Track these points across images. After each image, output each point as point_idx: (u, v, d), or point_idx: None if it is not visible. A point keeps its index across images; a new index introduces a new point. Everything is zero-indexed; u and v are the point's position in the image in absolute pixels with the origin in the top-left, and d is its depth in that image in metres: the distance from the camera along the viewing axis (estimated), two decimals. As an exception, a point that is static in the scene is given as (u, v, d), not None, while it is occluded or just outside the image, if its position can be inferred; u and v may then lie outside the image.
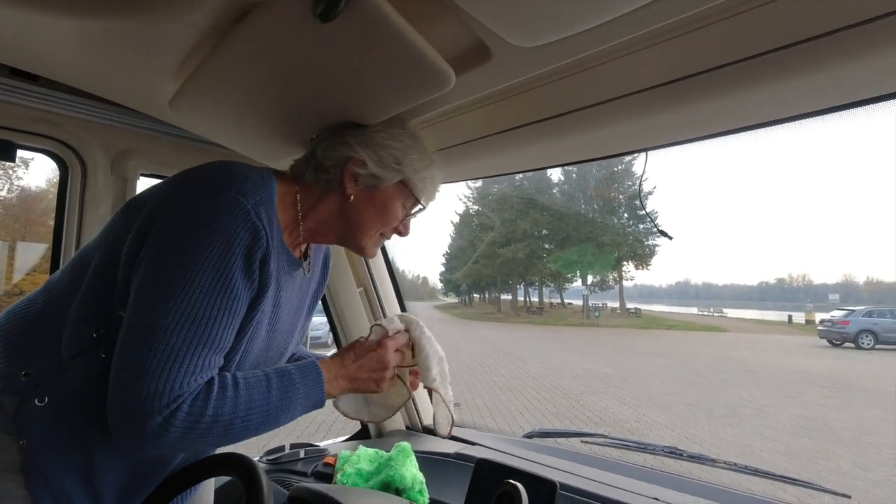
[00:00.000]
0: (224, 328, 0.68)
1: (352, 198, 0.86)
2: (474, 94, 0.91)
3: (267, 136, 1.10)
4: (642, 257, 30.00)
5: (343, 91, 0.85)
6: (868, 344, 13.52)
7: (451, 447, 1.43)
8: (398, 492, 1.17)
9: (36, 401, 0.68)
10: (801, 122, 0.85)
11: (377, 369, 0.87)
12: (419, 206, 0.94)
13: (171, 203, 0.70)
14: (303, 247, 0.92)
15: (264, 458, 1.40)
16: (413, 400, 1.68)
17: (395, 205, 0.90)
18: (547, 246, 31.44)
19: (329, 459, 1.32)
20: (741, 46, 0.71)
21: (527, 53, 0.75)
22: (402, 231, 0.95)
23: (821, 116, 0.82)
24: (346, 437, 1.61)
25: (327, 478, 1.26)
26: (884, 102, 0.76)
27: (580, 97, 0.93)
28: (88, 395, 0.70)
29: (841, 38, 0.64)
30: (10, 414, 0.68)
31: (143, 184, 1.31)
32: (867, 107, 0.77)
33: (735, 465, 1.24)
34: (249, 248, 0.69)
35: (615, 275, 30.71)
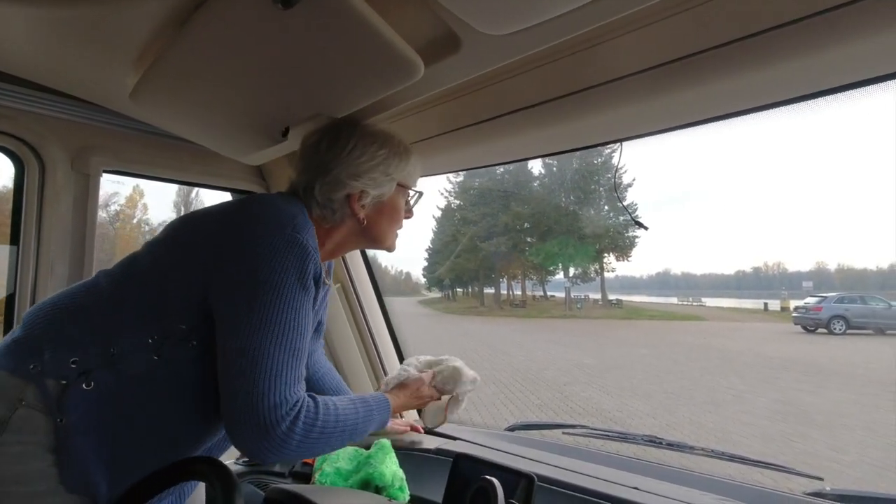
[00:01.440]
0: (306, 342, 0.79)
1: (365, 221, 0.97)
2: (446, 85, 0.89)
3: (234, 130, 1.06)
4: (623, 249, 30.36)
5: (309, 81, 0.83)
6: (840, 329, 13.92)
7: (432, 442, 1.42)
8: (378, 490, 1.16)
9: (83, 385, 0.73)
10: (775, 110, 0.85)
11: (421, 399, 1.19)
12: (417, 194, 1.08)
13: (239, 246, 0.78)
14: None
15: (241, 461, 1.37)
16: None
17: (400, 204, 1.03)
18: (529, 239, 31.60)
19: (307, 459, 1.30)
20: (715, 33, 0.71)
21: (497, 42, 0.73)
22: (410, 216, 1.09)
23: (793, 105, 0.83)
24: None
25: (305, 478, 1.25)
26: (854, 90, 0.76)
27: (553, 87, 0.92)
28: (135, 389, 0.77)
29: (811, 26, 0.64)
30: (53, 396, 0.72)
31: (107, 180, 1.27)
32: (839, 94, 0.78)
33: (712, 451, 1.26)
34: (314, 274, 0.81)
35: (597, 266, 31.04)
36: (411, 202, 1.08)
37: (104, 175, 1.27)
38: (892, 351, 11.32)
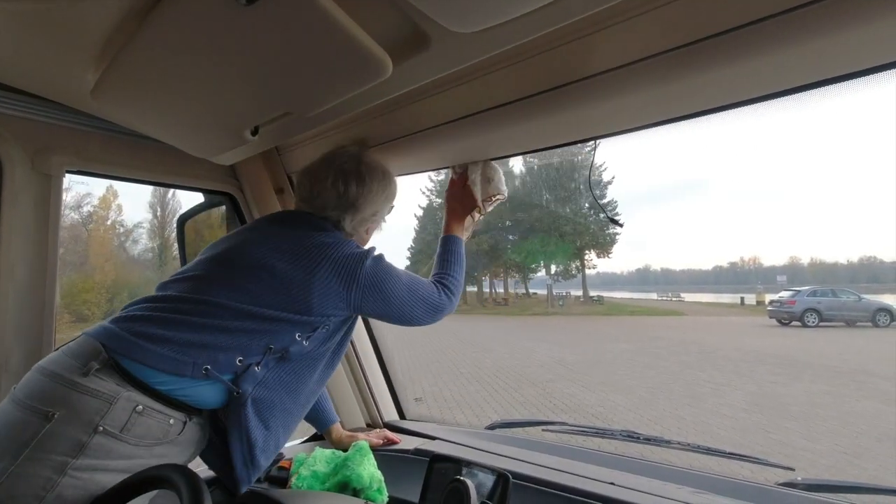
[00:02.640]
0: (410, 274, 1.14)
1: (365, 238, 1.22)
2: (416, 83, 0.88)
3: (201, 128, 1.04)
4: (603, 245, 30.71)
5: (276, 79, 0.81)
6: (813, 322, 14.32)
7: (411, 443, 1.41)
8: (356, 492, 1.15)
9: (255, 368, 0.96)
10: (749, 106, 0.85)
11: (463, 199, 1.30)
12: (391, 207, 1.29)
13: (359, 291, 1.02)
14: None
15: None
16: (372, 395, 1.65)
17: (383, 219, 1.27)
18: (511, 237, 31.75)
19: (284, 463, 1.28)
20: (688, 30, 0.71)
21: (467, 40, 0.72)
22: None
23: (767, 101, 0.83)
24: (303, 438, 1.56)
25: (282, 482, 1.22)
26: (825, 87, 0.77)
27: (526, 85, 0.92)
28: (290, 366, 1.01)
29: (782, 22, 0.64)
30: (231, 379, 0.94)
31: (78, 182, 1.22)
32: (812, 91, 0.78)
33: (688, 445, 1.28)
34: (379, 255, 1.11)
35: (578, 264, 31.35)
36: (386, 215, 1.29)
37: (73, 176, 1.23)
38: (863, 342, 11.68)
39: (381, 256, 1.08)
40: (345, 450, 1.30)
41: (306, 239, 1.04)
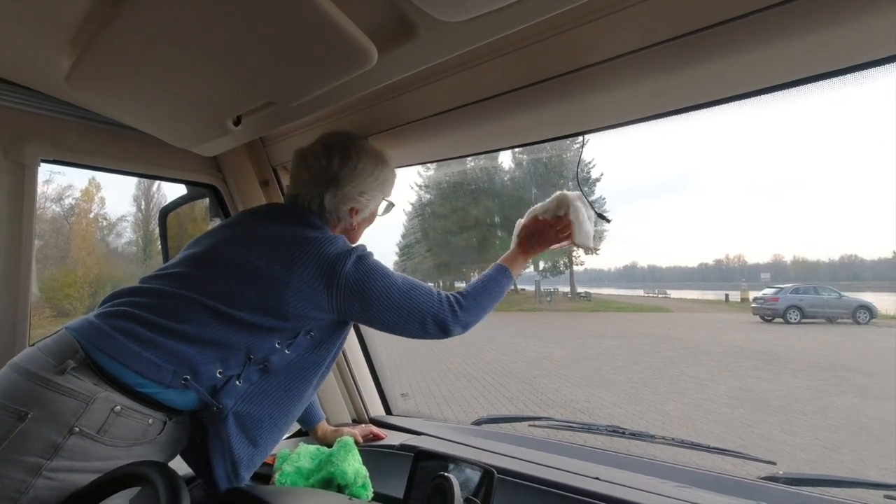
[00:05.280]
0: (408, 277, 1.04)
1: (355, 226, 1.14)
2: (402, 74, 0.87)
3: (182, 117, 1.01)
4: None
5: (258, 67, 0.79)
6: (795, 318, 14.56)
7: (396, 438, 1.40)
8: (340, 488, 1.13)
9: (236, 381, 0.92)
10: (738, 102, 0.85)
11: (539, 238, 1.23)
12: (389, 204, 1.24)
13: (344, 290, 0.96)
14: None
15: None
16: (359, 390, 1.64)
17: (376, 213, 1.20)
18: (500, 233, 31.76)
19: (268, 459, 1.26)
20: (681, 22, 0.71)
21: (454, 29, 0.71)
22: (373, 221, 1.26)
23: (757, 97, 0.83)
24: (287, 435, 1.54)
25: (265, 479, 1.21)
26: (809, 84, 0.78)
27: (514, 78, 0.91)
28: (272, 378, 0.96)
29: (773, 16, 0.64)
30: (210, 394, 0.90)
31: (45, 170, 1.19)
32: (804, 87, 0.79)
33: (673, 440, 1.29)
34: (367, 252, 1.03)
35: (566, 260, 31.50)
36: (380, 210, 1.22)
37: (54, 167, 1.19)
38: (843, 339, 11.91)
39: (367, 255, 1.01)
40: (330, 445, 1.28)
41: (287, 232, 0.99)
